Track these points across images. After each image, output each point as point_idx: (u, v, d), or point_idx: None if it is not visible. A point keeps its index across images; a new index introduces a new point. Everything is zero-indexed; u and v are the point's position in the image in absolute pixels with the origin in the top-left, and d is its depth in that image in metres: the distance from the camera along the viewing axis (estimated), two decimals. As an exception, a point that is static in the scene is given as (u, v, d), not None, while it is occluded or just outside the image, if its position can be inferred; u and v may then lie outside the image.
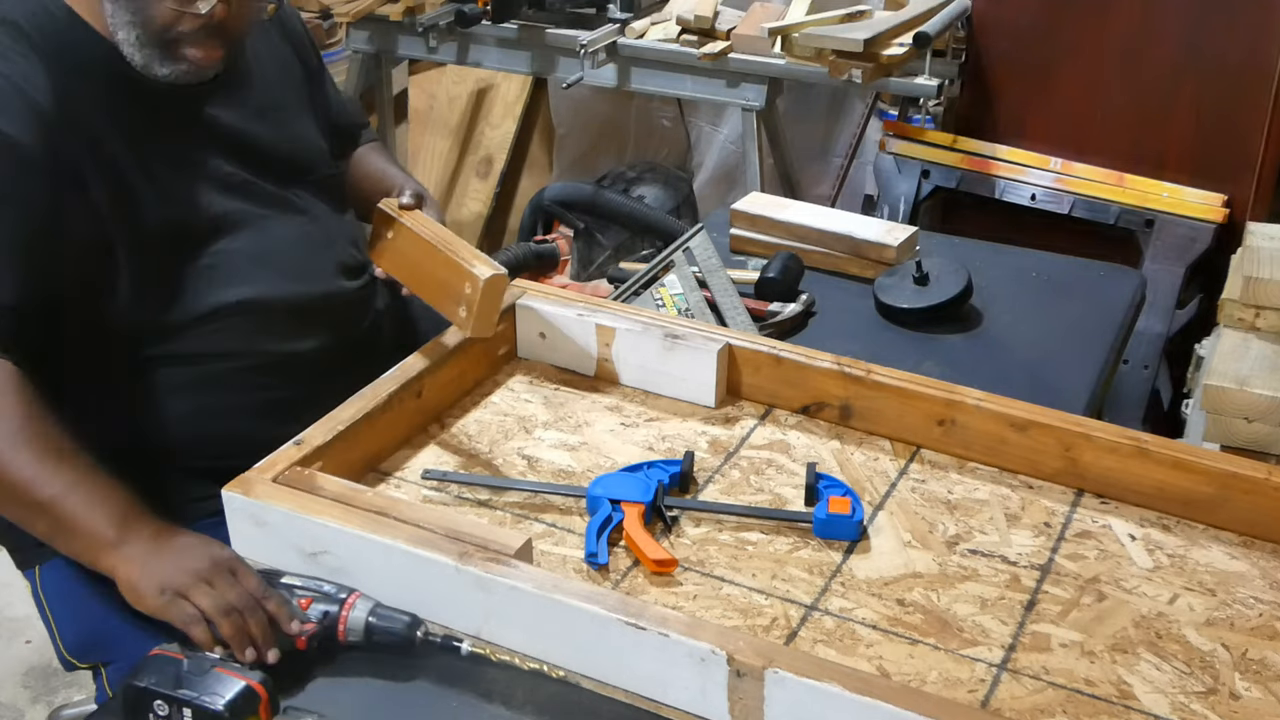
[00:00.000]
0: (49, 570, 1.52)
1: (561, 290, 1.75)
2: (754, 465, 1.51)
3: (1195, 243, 2.81)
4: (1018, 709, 1.17)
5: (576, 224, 3.34)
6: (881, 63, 2.70)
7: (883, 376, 1.55)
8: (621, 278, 2.05)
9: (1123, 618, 1.28)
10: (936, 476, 1.50)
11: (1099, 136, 2.95)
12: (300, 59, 1.68)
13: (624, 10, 3.02)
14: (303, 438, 1.38)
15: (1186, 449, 1.44)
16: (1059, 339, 1.89)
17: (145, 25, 1.36)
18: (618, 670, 1.18)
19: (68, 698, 2.33)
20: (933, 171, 3.03)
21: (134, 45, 1.38)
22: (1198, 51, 2.81)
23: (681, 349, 1.60)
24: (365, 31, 3.25)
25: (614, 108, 3.84)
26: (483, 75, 3.85)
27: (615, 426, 1.57)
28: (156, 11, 1.35)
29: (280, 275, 1.52)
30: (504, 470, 1.49)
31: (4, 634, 2.48)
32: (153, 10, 1.35)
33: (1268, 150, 2.79)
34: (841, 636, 1.25)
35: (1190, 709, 1.17)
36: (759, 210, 2.11)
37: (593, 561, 1.33)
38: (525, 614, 1.19)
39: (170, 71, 1.40)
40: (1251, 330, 2.15)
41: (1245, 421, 2.01)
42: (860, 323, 1.91)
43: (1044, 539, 1.40)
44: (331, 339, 1.58)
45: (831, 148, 3.55)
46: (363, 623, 1.18)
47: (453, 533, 1.24)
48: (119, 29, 1.37)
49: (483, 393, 1.64)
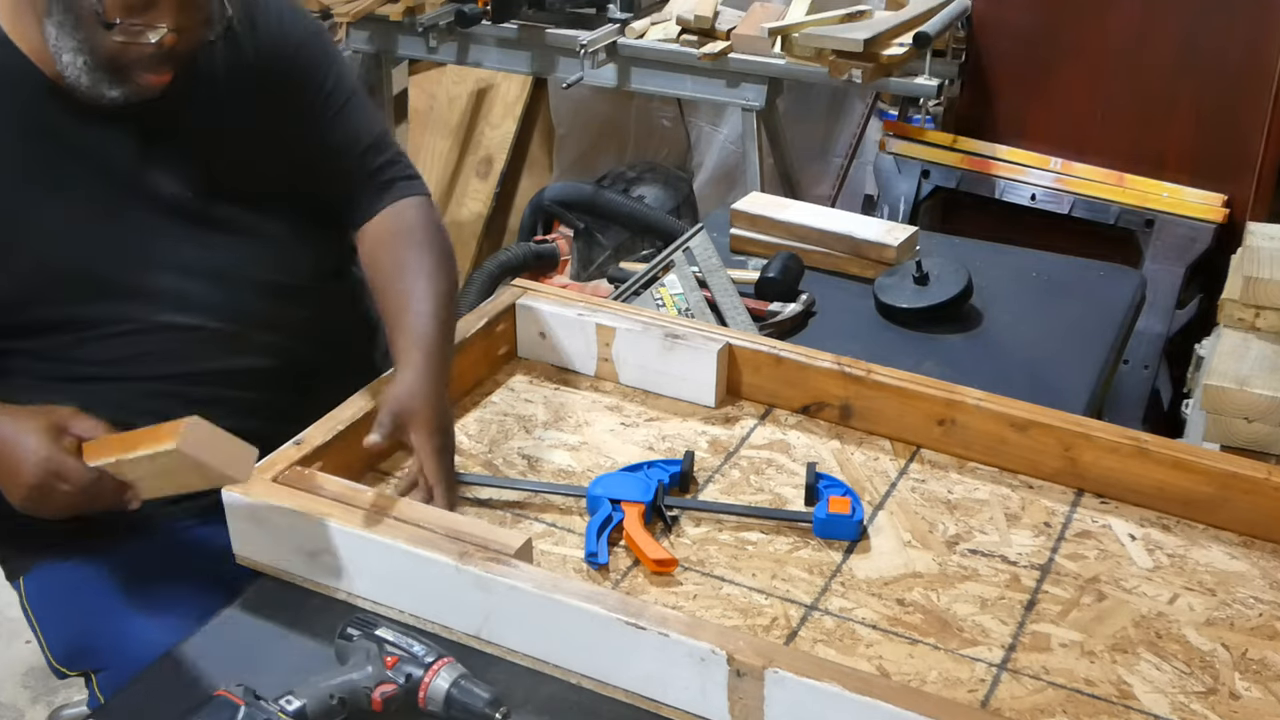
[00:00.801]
0: (33, 580, 1.52)
1: (561, 290, 1.75)
2: (754, 465, 1.51)
3: (1195, 243, 2.81)
4: (1018, 709, 1.17)
5: (576, 224, 3.34)
6: (881, 63, 2.70)
7: (883, 376, 1.55)
8: (621, 278, 2.05)
9: (1123, 618, 1.28)
10: (936, 476, 1.50)
11: (1099, 136, 2.95)
12: (296, 85, 1.53)
13: (624, 10, 3.02)
14: (302, 437, 1.39)
15: (1186, 449, 1.44)
16: (1059, 339, 1.89)
17: (93, 53, 1.31)
18: (618, 670, 1.18)
19: (67, 698, 2.33)
20: (933, 171, 3.03)
21: (80, 69, 1.32)
22: (1198, 51, 2.81)
23: (681, 349, 1.60)
24: (365, 31, 3.25)
25: (614, 108, 3.84)
26: (483, 75, 3.85)
27: (615, 426, 1.57)
28: (104, 42, 1.31)
29: (211, 301, 1.47)
30: (504, 470, 1.49)
31: (4, 634, 2.48)
32: (100, 40, 1.30)
33: (1268, 150, 2.79)
34: (841, 636, 1.25)
35: (1190, 709, 1.17)
36: (759, 210, 2.11)
37: (593, 561, 1.33)
38: (525, 614, 1.19)
39: (119, 93, 1.35)
40: (1251, 330, 2.15)
41: (1245, 421, 2.01)
42: (860, 323, 1.91)
43: (1044, 539, 1.40)
44: (276, 360, 1.52)
45: (831, 148, 3.55)
46: (444, 692, 1.14)
47: (452, 532, 1.24)
48: (63, 53, 1.32)
49: (483, 393, 1.64)
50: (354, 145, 1.56)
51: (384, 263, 1.52)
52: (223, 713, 1.09)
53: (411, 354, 1.40)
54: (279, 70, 1.50)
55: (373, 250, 1.55)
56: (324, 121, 1.54)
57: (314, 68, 1.54)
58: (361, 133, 1.57)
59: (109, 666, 1.46)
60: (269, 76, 1.49)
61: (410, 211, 1.57)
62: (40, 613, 1.52)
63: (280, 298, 1.52)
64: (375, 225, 1.56)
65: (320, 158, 1.55)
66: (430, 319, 1.43)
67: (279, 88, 1.51)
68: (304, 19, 1.57)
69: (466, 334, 1.60)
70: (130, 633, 1.43)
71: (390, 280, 1.50)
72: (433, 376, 1.38)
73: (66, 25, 1.30)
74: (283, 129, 1.52)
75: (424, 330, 1.42)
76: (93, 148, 1.40)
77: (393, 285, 1.49)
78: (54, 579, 1.51)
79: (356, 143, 1.56)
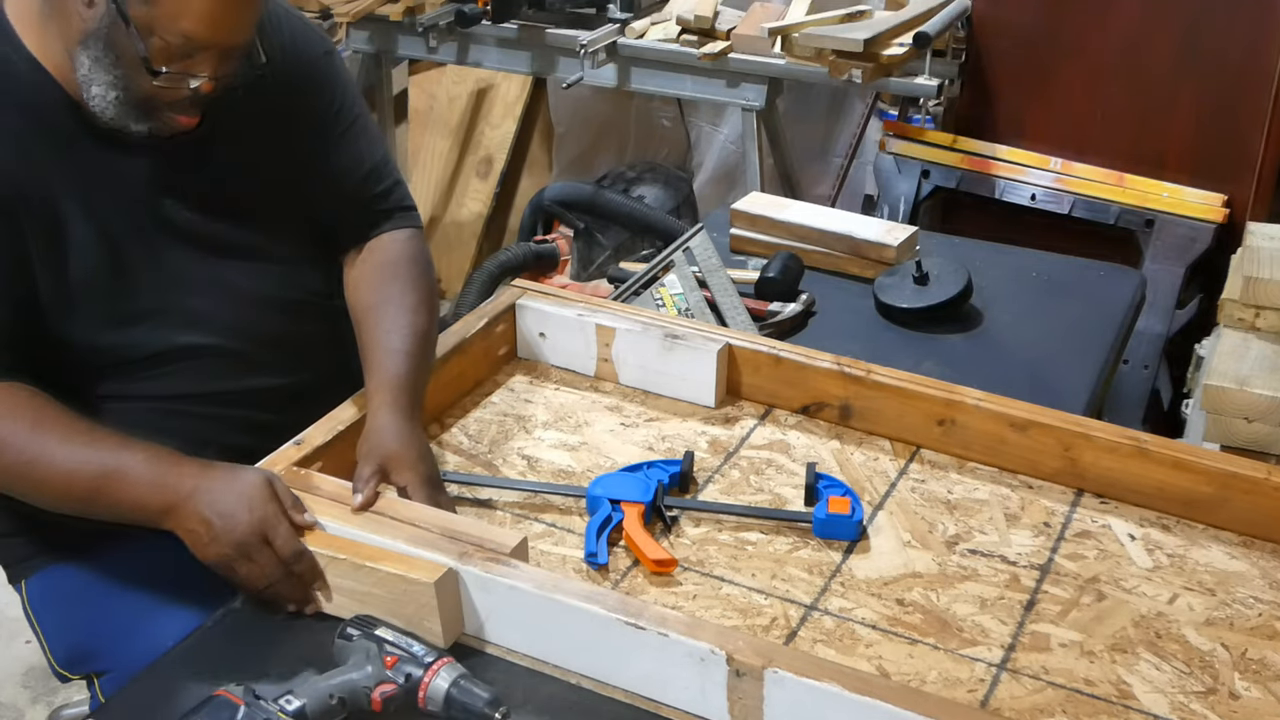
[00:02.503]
0: (36, 583, 1.52)
1: (561, 290, 1.75)
2: (754, 465, 1.51)
3: (1195, 243, 2.81)
4: (1017, 709, 1.17)
5: (576, 224, 3.34)
6: (881, 63, 2.70)
7: (883, 376, 1.55)
8: (621, 278, 2.05)
9: (1122, 617, 1.28)
10: (936, 476, 1.50)
11: (1099, 136, 2.95)
12: (306, 105, 1.53)
13: (624, 10, 3.02)
14: (302, 438, 1.39)
15: (1186, 449, 1.44)
16: (1059, 339, 1.89)
17: (126, 91, 1.31)
18: (617, 670, 1.18)
19: (67, 698, 2.33)
20: (933, 171, 3.04)
21: (110, 103, 1.31)
22: (1198, 51, 2.81)
23: (681, 349, 1.60)
24: (365, 31, 3.25)
25: (614, 108, 3.84)
26: (483, 75, 3.85)
27: (615, 426, 1.57)
28: (143, 85, 1.30)
29: (227, 321, 1.47)
30: (504, 470, 1.49)
31: (4, 634, 2.48)
32: (139, 83, 1.30)
33: (1268, 150, 2.79)
34: (841, 636, 1.25)
35: (1190, 709, 1.17)
36: (759, 210, 2.11)
37: (592, 561, 1.33)
38: (525, 614, 1.19)
39: (145, 128, 1.35)
40: (1251, 330, 2.15)
41: (1245, 421, 2.01)
42: (860, 323, 1.91)
43: (1044, 539, 1.40)
44: (288, 379, 1.52)
45: (831, 148, 3.55)
46: (443, 692, 1.14)
47: (450, 532, 1.24)
48: (94, 85, 1.30)
49: (483, 393, 1.64)
50: (356, 169, 1.56)
51: (363, 294, 1.52)
52: (223, 713, 1.09)
53: (378, 396, 1.40)
54: (290, 90, 1.50)
55: (355, 280, 1.55)
56: (329, 143, 1.54)
57: (323, 88, 1.53)
58: (365, 156, 1.56)
59: (111, 670, 1.46)
60: (280, 96, 1.48)
61: (397, 245, 1.56)
62: (43, 616, 1.52)
63: (292, 316, 1.53)
64: (362, 255, 1.56)
65: (322, 178, 1.54)
66: (402, 357, 1.43)
67: (289, 107, 1.50)
68: (315, 38, 1.55)
69: (466, 334, 1.61)
70: (133, 636, 1.43)
71: (367, 312, 1.50)
72: (401, 413, 1.38)
73: (104, 62, 1.29)
74: (292, 149, 1.51)
75: (393, 369, 1.42)
76: (110, 168, 1.39)
77: (369, 318, 1.49)
78: (57, 583, 1.51)
79: (359, 166, 1.56)
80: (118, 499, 1.26)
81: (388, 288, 1.51)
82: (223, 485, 1.25)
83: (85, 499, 1.28)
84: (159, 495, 1.25)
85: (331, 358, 1.55)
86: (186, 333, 1.45)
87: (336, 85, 1.55)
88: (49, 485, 1.29)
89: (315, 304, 1.56)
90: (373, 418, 1.38)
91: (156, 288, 1.42)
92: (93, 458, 1.27)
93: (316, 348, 1.55)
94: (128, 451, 1.27)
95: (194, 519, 1.24)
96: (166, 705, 1.15)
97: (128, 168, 1.40)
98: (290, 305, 1.52)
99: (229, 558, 1.23)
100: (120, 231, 1.39)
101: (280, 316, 1.51)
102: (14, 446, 1.28)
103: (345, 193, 1.55)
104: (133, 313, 1.42)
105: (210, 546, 1.23)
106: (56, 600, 1.51)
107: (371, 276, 1.53)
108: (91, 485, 1.27)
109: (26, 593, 1.53)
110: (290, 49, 1.49)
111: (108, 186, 1.39)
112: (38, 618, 1.52)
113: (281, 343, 1.51)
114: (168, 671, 1.23)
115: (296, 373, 1.53)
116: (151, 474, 1.26)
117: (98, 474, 1.27)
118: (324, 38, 1.58)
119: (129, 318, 1.42)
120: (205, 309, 1.46)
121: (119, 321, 1.41)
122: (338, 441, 1.40)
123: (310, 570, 1.24)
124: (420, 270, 1.55)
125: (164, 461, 1.27)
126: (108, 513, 1.29)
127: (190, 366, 1.45)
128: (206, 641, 1.26)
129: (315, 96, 1.53)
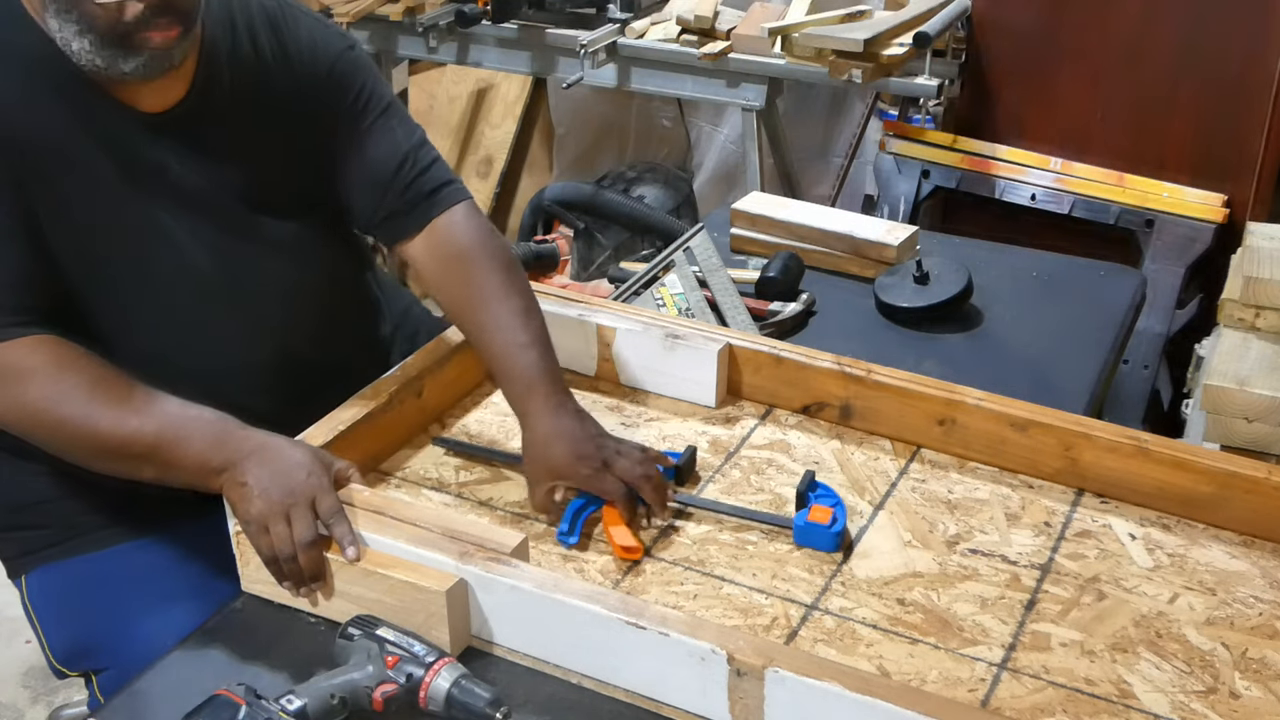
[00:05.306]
0: (35, 579, 1.52)
1: (561, 290, 1.75)
2: (754, 465, 1.51)
3: (1195, 243, 2.81)
4: (1018, 708, 1.17)
5: (576, 224, 3.34)
6: (881, 63, 2.70)
7: (883, 376, 1.55)
8: (621, 278, 2.05)
9: (1123, 617, 1.28)
10: (937, 476, 1.50)
11: (1099, 136, 2.95)
12: (332, 103, 1.52)
13: (624, 10, 3.02)
14: (303, 438, 1.39)
15: (1186, 449, 1.44)
16: (1059, 339, 1.89)
17: (93, 28, 1.31)
18: (618, 670, 1.18)
19: (67, 698, 2.33)
20: (933, 171, 3.04)
21: (92, 51, 1.32)
22: (1198, 51, 2.81)
23: (682, 349, 1.60)
24: (365, 31, 3.25)
25: (614, 108, 3.84)
26: (483, 75, 3.85)
27: (615, 426, 1.57)
28: (94, 13, 1.30)
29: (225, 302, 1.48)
30: (504, 471, 1.49)
31: (4, 634, 2.48)
32: (92, 13, 1.30)
33: (1268, 150, 2.79)
34: (842, 636, 1.25)
35: (1190, 708, 1.17)
36: (759, 210, 2.11)
37: (564, 539, 1.36)
38: (526, 613, 1.19)
39: (136, 64, 1.33)
40: (1251, 330, 2.15)
41: (1245, 421, 2.01)
42: (860, 322, 1.92)
43: (1044, 538, 1.40)
44: (292, 360, 1.53)
45: (831, 148, 3.55)
46: (444, 692, 1.14)
47: (450, 532, 1.24)
48: (71, 40, 1.31)
49: (483, 393, 1.64)
50: (392, 156, 1.54)
51: (455, 294, 1.52)
52: (223, 712, 1.09)
53: (525, 403, 1.43)
54: (313, 91, 1.50)
55: (437, 280, 1.54)
56: (363, 133, 1.53)
57: (348, 85, 1.53)
58: (401, 141, 1.55)
59: (110, 667, 1.46)
60: (304, 99, 1.49)
61: (459, 227, 1.55)
62: (42, 612, 1.52)
63: (301, 299, 1.54)
64: (428, 246, 1.54)
65: (358, 170, 1.54)
66: (524, 349, 1.45)
67: (314, 108, 1.50)
68: (334, 36, 1.55)
69: (467, 334, 1.61)
70: (131, 633, 1.43)
71: (469, 313, 1.50)
72: (553, 408, 1.41)
73: (62, 10, 1.31)
74: (318, 147, 1.52)
75: (524, 365, 1.44)
76: (130, 151, 1.40)
77: (474, 318, 1.50)
78: (56, 578, 1.51)
79: (395, 153, 1.54)
80: (178, 456, 1.29)
81: (474, 280, 1.51)
82: (283, 449, 1.29)
83: (141, 456, 1.30)
84: (221, 453, 1.28)
85: (338, 341, 1.59)
86: (188, 310, 1.46)
87: (360, 80, 1.55)
88: (105, 442, 1.30)
89: (324, 289, 1.58)
90: (528, 430, 1.42)
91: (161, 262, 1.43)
92: (156, 415, 1.30)
93: (320, 332, 1.57)
94: (194, 409, 1.31)
95: (250, 475, 1.26)
96: (166, 705, 1.15)
97: (145, 149, 1.41)
98: (299, 289, 1.54)
99: (268, 516, 1.25)
100: (131, 212, 1.40)
101: (288, 300, 1.53)
102: (75, 400, 1.30)
103: (386, 182, 1.54)
104: (140, 283, 1.42)
105: (256, 501, 1.25)
106: (56, 596, 1.51)
107: (454, 273, 1.53)
108: (152, 444, 1.29)
109: (26, 587, 1.53)
110: (309, 53, 1.50)
111: (123, 163, 1.39)
112: (37, 613, 1.52)
113: (286, 327, 1.53)
114: (168, 671, 1.23)
115: (298, 355, 1.54)
116: (215, 432, 1.29)
117: (158, 432, 1.29)
118: (344, 34, 1.59)
119: (136, 287, 1.42)
120: (211, 289, 1.47)
121: (124, 291, 1.42)
122: (338, 441, 1.40)
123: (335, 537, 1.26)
124: (492, 247, 1.55)
125: (229, 422, 1.31)
126: (158, 472, 1.31)
127: (190, 342, 1.46)
128: (207, 641, 1.26)
129: (341, 91, 1.53)
